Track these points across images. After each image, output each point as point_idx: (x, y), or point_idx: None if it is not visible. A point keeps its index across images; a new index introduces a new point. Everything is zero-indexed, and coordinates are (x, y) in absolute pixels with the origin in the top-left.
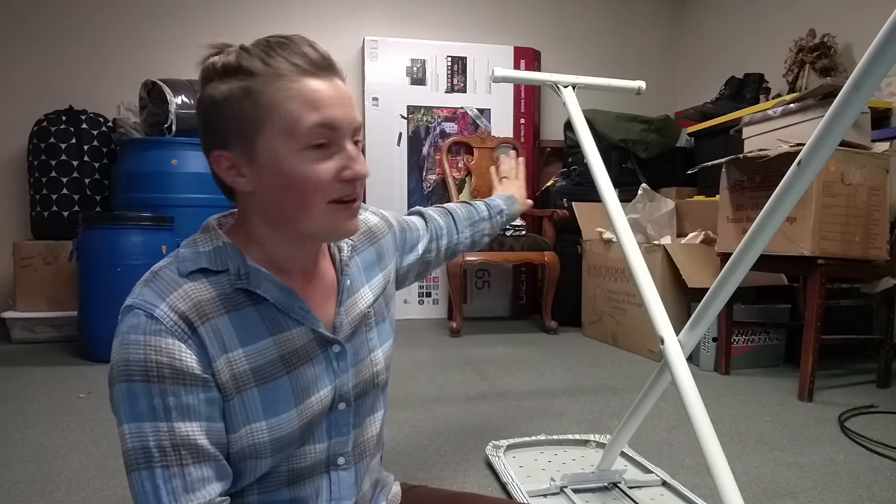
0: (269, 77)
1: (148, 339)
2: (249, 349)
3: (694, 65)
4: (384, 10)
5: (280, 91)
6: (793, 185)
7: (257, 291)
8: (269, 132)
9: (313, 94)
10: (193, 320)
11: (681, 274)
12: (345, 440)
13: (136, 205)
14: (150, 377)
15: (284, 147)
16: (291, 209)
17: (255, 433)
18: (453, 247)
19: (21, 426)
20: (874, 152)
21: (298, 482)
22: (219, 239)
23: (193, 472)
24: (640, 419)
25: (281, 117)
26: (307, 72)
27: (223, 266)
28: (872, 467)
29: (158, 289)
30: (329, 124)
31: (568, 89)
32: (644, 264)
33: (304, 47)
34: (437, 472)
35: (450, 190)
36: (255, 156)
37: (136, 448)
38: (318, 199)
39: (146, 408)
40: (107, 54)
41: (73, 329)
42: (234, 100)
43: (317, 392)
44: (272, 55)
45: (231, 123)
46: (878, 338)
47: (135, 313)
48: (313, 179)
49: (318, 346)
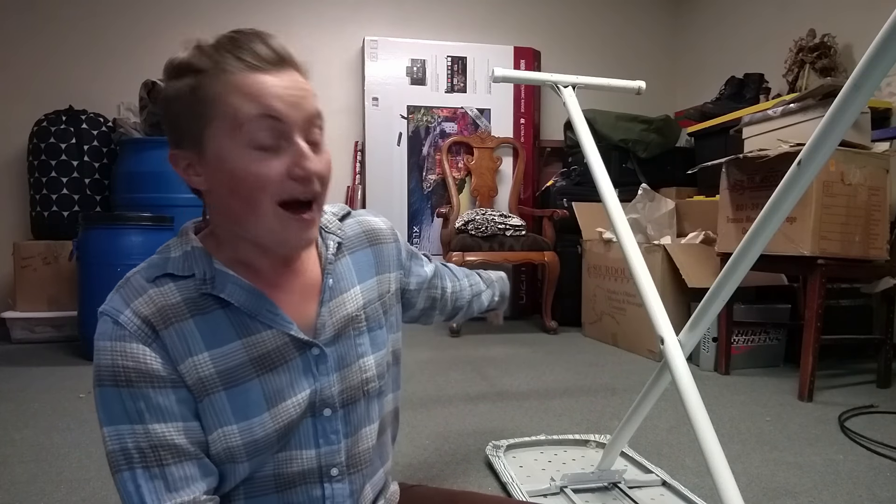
0: (216, 73)
1: (114, 345)
2: (216, 352)
3: (694, 65)
4: (384, 9)
5: (223, 86)
6: (793, 185)
7: (221, 296)
8: (214, 128)
9: (255, 87)
10: (156, 324)
11: (681, 274)
12: (335, 449)
13: (136, 205)
14: (119, 381)
15: (229, 143)
16: (239, 210)
17: (228, 436)
18: (457, 293)
19: (21, 426)
20: (874, 152)
21: (288, 490)
22: (188, 244)
23: (175, 472)
24: (640, 419)
25: (224, 112)
26: (255, 67)
27: (189, 271)
28: (872, 467)
29: (125, 295)
30: (272, 115)
31: (568, 89)
32: (644, 264)
33: (254, 43)
34: (437, 471)
35: (450, 190)
36: (204, 154)
37: (116, 451)
38: (265, 200)
39: (119, 411)
40: (107, 54)
41: (73, 329)
42: (183, 98)
43: (292, 396)
44: (220, 52)
45: (181, 122)
46: (878, 338)
47: (104, 319)
48: (259, 177)
49: (295, 348)
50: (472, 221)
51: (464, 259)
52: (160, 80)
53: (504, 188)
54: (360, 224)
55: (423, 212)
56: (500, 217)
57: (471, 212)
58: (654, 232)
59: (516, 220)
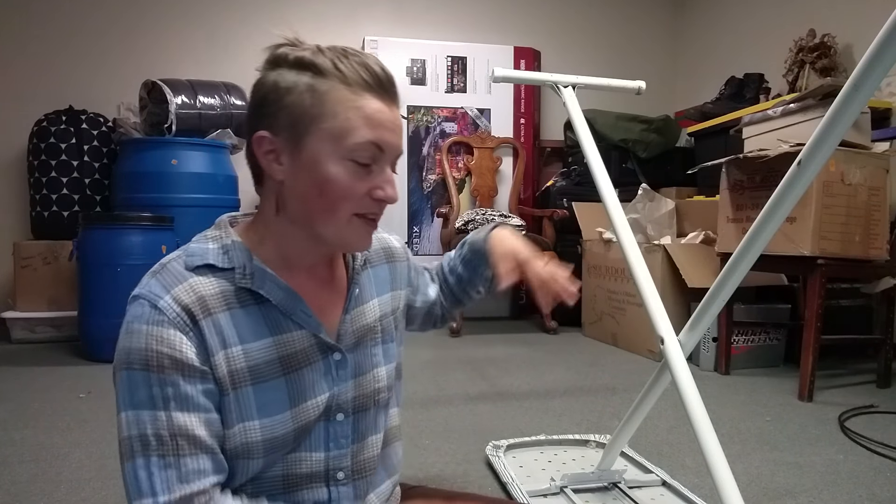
0: (337, 81)
1: (150, 329)
2: (248, 347)
3: (694, 65)
4: (384, 9)
5: (345, 98)
6: (793, 185)
7: (260, 292)
8: (321, 131)
9: (374, 113)
10: (196, 313)
11: (681, 274)
12: (343, 454)
13: (136, 205)
14: (151, 366)
15: (330, 150)
16: (317, 210)
17: (249, 432)
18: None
19: (21, 426)
20: (874, 152)
21: (295, 490)
22: (228, 237)
23: (189, 464)
24: (640, 419)
25: (337, 122)
26: (372, 88)
27: (229, 264)
28: (872, 467)
29: (165, 281)
30: (379, 145)
31: (568, 89)
32: (644, 264)
33: (375, 65)
34: (437, 472)
35: (450, 190)
36: (299, 149)
37: (134, 436)
38: (345, 209)
39: (145, 396)
40: (107, 54)
41: (73, 329)
42: (298, 91)
43: (313, 397)
44: (343, 61)
45: (287, 111)
46: (878, 338)
47: (140, 303)
48: (347, 189)
49: (319, 351)
50: (472, 221)
51: None
52: (161, 81)
53: (504, 188)
54: (379, 241)
55: (423, 212)
56: (500, 217)
57: (471, 212)
58: (654, 232)
59: (516, 221)
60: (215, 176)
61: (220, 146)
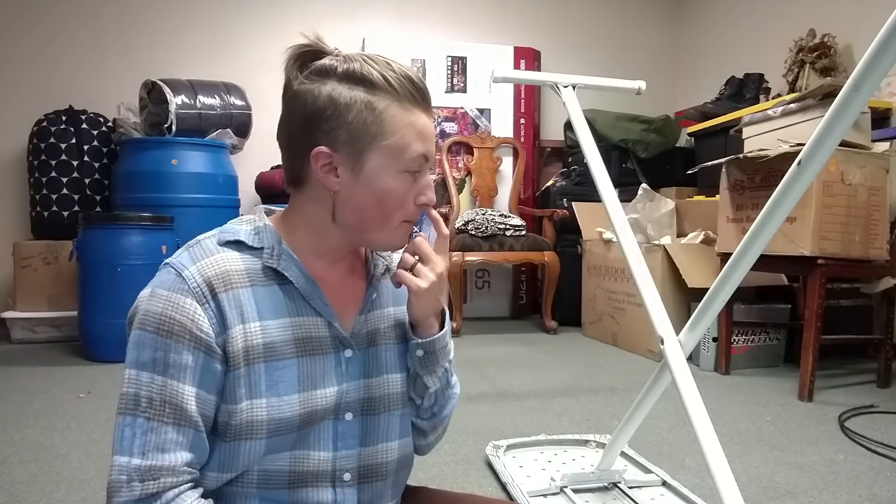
0: (391, 98)
1: (170, 296)
2: (267, 324)
3: (694, 65)
4: (383, 9)
5: (400, 115)
6: (793, 185)
7: (285, 273)
8: (381, 149)
9: (423, 128)
10: (216, 287)
11: (681, 274)
12: (351, 454)
13: (136, 205)
14: (161, 330)
15: (389, 165)
16: (373, 219)
17: (255, 409)
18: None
19: (21, 426)
20: (874, 152)
21: (300, 488)
22: (262, 221)
23: (170, 433)
24: (640, 419)
25: (395, 139)
26: (418, 101)
27: (259, 244)
28: (872, 467)
29: (194, 253)
30: (427, 156)
31: (568, 89)
32: (644, 264)
33: (416, 78)
34: (437, 472)
35: (450, 190)
36: (360, 164)
37: (130, 394)
38: (397, 216)
39: (149, 358)
40: (107, 54)
41: (73, 329)
42: (357, 109)
43: (322, 387)
44: (390, 74)
45: (347, 128)
46: (878, 338)
47: (167, 270)
48: (401, 198)
49: (332, 343)
50: (472, 221)
51: (464, 259)
52: (161, 81)
53: (504, 188)
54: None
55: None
56: (500, 217)
57: (471, 212)
58: (654, 232)
59: (516, 220)
60: (215, 176)
61: (220, 146)
